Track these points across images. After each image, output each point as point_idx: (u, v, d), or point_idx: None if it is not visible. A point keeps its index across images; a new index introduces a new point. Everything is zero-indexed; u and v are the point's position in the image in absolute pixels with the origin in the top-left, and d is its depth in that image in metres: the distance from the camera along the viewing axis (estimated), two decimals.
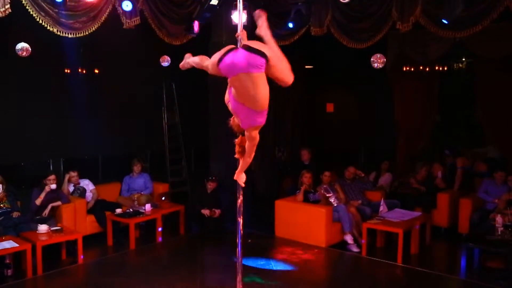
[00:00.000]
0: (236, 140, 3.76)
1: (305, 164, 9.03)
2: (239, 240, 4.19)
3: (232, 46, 3.31)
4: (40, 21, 5.92)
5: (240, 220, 4.16)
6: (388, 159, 9.47)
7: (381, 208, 7.48)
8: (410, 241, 7.07)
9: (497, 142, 9.53)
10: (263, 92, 3.25)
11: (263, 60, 3.14)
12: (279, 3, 7.72)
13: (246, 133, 3.52)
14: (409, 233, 7.05)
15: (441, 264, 7.25)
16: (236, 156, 3.79)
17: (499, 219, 6.52)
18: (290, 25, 7.31)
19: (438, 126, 10.69)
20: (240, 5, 3.98)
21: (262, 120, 3.41)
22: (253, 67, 3.14)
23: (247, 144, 3.63)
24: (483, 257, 6.51)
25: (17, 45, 6.83)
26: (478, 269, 6.42)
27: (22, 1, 5.67)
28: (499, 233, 6.39)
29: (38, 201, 7.07)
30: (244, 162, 3.76)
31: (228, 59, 3.22)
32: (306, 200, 7.72)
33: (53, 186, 7.15)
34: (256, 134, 3.51)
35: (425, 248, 7.43)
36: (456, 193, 8.32)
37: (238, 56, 3.17)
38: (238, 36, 3.56)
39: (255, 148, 3.62)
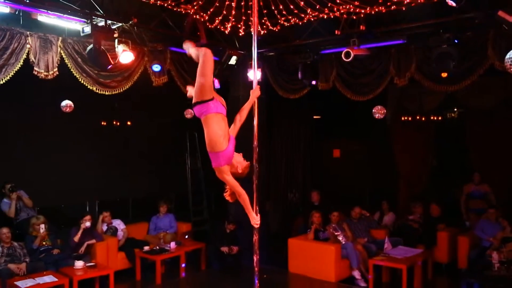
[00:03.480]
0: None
1: (315, 205, 8.95)
2: (255, 276, 4.15)
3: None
4: (82, 81, 6.17)
5: (256, 258, 4.13)
6: (389, 199, 9.35)
7: (385, 246, 7.34)
8: (413, 276, 6.90)
9: (490, 183, 9.38)
10: (214, 133, 3.49)
11: (201, 107, 3.52)
12: (290, 62, 7.94)
13: (219, 177, 3.62)
14: (412, 269, 6.89)
15: None
16: (227, 197, 3.80)
17: (495, 255, 6.39)
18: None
19: (435, 170, 10.59)
20: (255, 64, 4.14)
21: (217, 163, 3.56)
22: (200, 114, 3.55)
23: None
24: None
25: (62, 102, 7.08)
26: None
27: (67, 64, 5.93)
28: (496, 269, 6.25)
29: (76, 238, 7.11)
30: (241, 203, 3.76)
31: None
32: (316, 238, 7.63)
33: (88, 223, 7.19)
34: (222, 177, 3.61)
35: (427, 283, 7.23)
36: (454, 231, 8.15)
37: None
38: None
39: (236, 189, 3.64)
